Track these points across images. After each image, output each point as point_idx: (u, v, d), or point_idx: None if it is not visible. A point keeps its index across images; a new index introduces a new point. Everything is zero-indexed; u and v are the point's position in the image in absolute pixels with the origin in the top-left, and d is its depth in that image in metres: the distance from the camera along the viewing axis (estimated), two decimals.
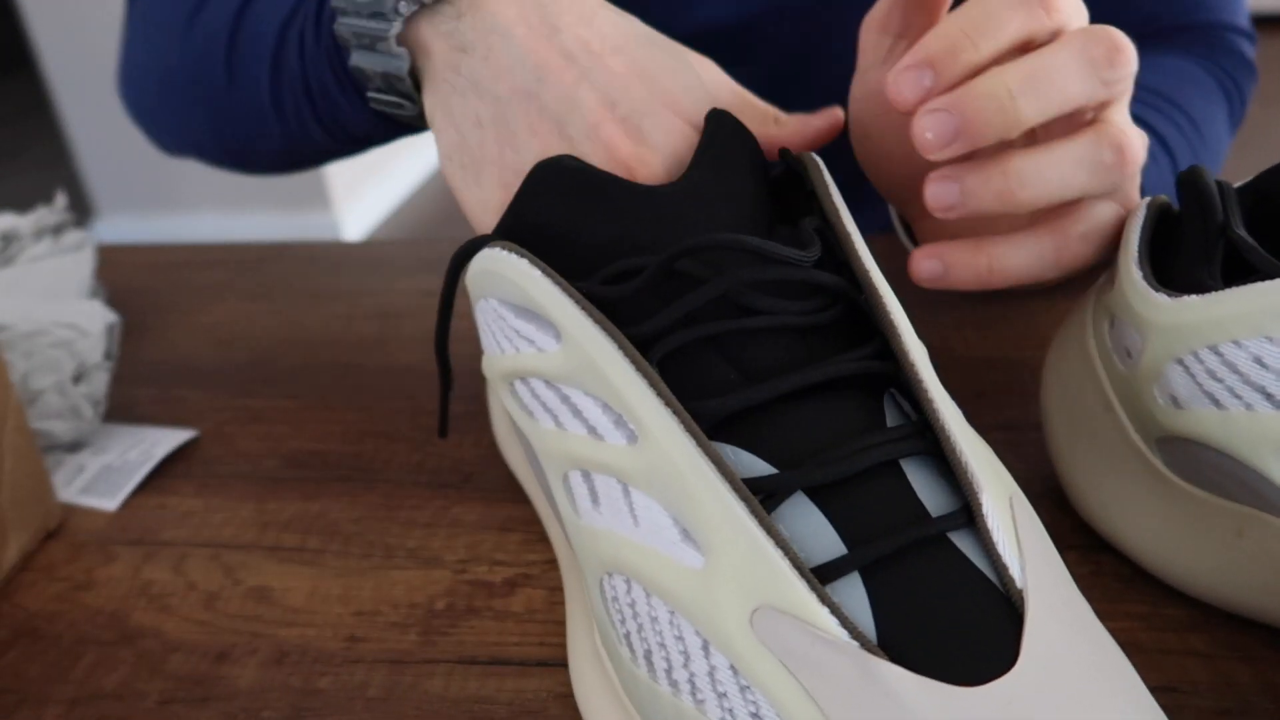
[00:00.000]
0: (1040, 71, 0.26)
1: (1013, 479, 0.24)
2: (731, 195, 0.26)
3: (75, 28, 2.20)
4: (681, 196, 0.26)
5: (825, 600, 0.20)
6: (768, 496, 0.22)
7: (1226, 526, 0.26)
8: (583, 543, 0.24)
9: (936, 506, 0.22)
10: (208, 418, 0.42)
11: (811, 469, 0.22)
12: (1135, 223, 0.30)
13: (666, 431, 0.22)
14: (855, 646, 0.19)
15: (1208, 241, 0.27)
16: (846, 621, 0.20)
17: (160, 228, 2.43)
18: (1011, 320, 0.43)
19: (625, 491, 0.23)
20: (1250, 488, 0.25)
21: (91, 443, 0.40)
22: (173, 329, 0.50)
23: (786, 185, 0.29)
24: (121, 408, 0.43)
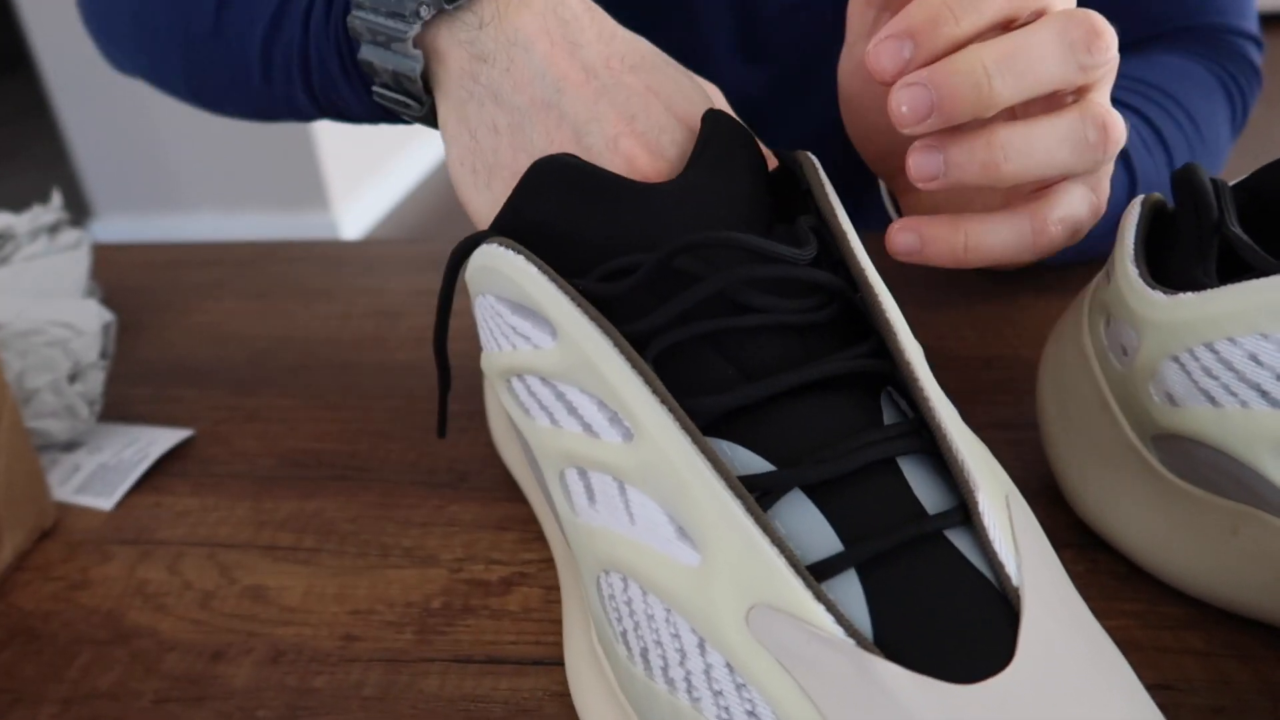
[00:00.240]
0: (1018, 51, 0.26)
1: (1009, 477, 0.24)
2: (729, 193, 0.26)
3: (73, 28, 2.20)
4: (679, 194, 0.26)
5: (821, 598, 0.20)
6: (764, 494, 0.22)
7: (1222, 524, 0.26)
8: (579, 540, 0.24)
9: (933, 504, 0.22)
10: (204, 417, 0.42)
11: (808, 466, 0.22)
12: (1131, 220, 0.30)
13: (662, 429, 0.22)
14: (851, 644, 0.19)
15: (1203, 239, 0.27)
16: (842, 619, 0.20)
17: (158, 227, 2.43)
18: (1007, 319, 0.43)
19: (621, 489, 0.23)
20: (1246, 485, 0.25)
21: (87, 442, 0.40)
22: (168, 328, 0.50)
23: (782, 184, 0.29)
24: (117, 407, 0.43)
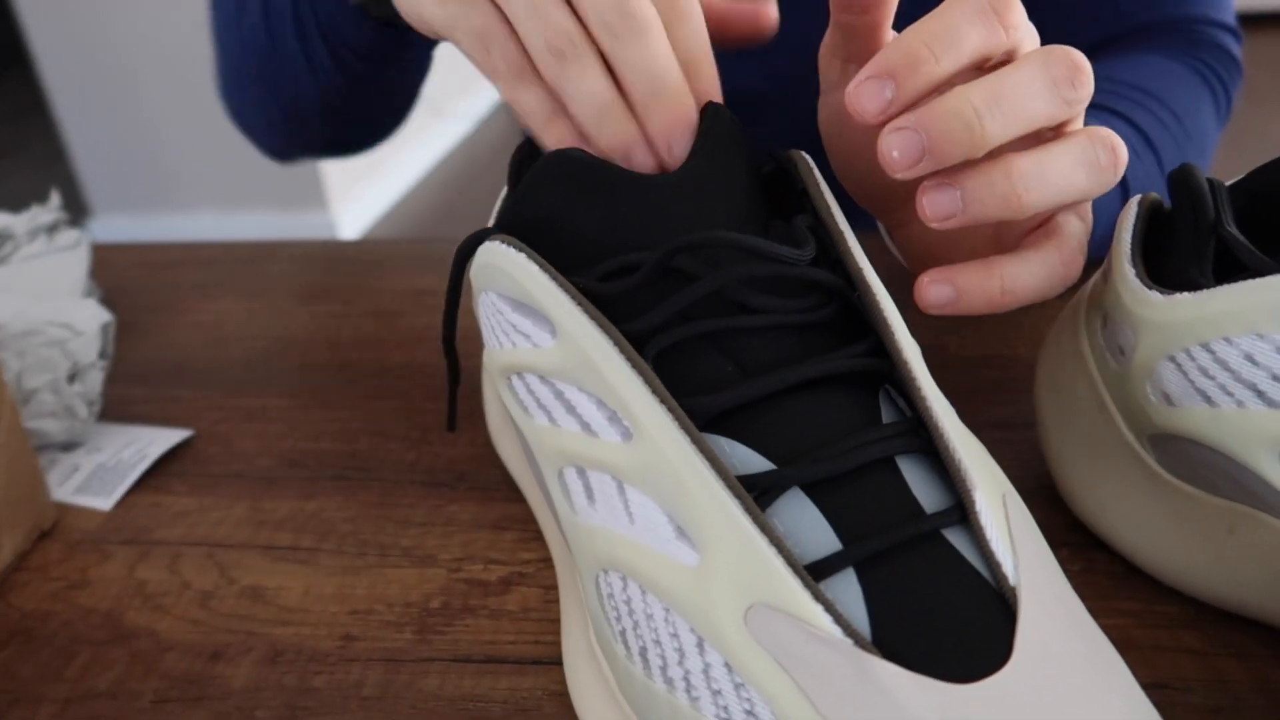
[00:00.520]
0: (1005, 90, 0.25)
1: (1006, 477, 0.24)
2: (728, 189, 0.26)
3: (71, 27, 2.20)
4: (680, 189, 0.26)
5: (819, 597, 0.20)
6: (763, 493, 0.22)
7: (1218, 523, 0.27)
8: (578, 539, 0.24)
9: (931, 503, 0.22)
10: (202, 417, 0.42)
11: (807, 465, 0.22)
12: (1128, 221, 0.30)
13: (661, 428, 0.22)
14: (849, 644, 0.19)
15: (1199, 239, 0.27)
16: (840, 618, 0.20)
17: (156, 227, 2.43)
18: (1005, 319, 0.43)
19: (620, 488, 0.23)
20: (1242, 485, 0.25)
21: (86, 442, 0.40)
22: (167, 328, 0.50)
23: (777, 183, 0.29)
24: (116, 407, 0.43)
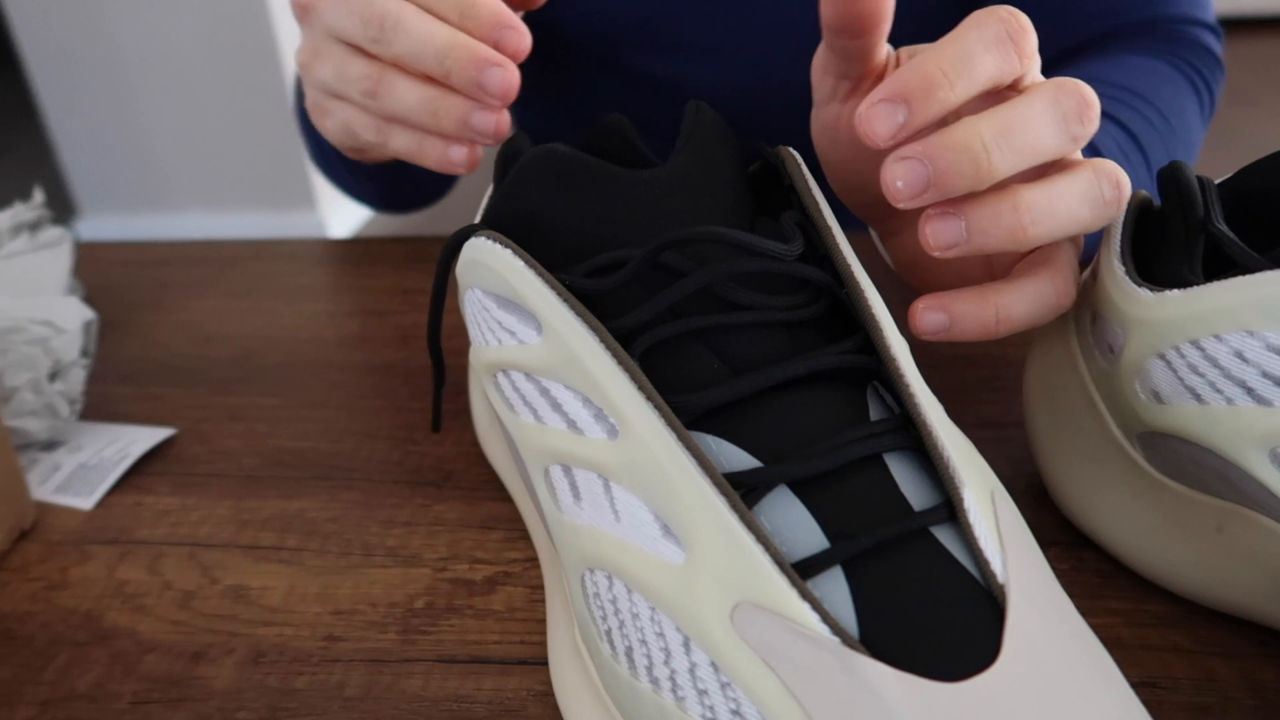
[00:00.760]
0: (1015, 124, 0.25)
1: (995, 474, 0.24)
2: (714, 185, 0.26)
3: (59, 27, 2.19)
4: (667, 184, 0.26)
5: (806, 596, 0.20)
6: (750, 490, 0.22)
7: (1207, 522, 0.26)
8: (564, 538, 0.24)
9: (919, 501, 0.22)
10: (186, 416, 0.41)
11: (794, 462, 0.22)
12: (1118, 218, 0.30)
13: (647, 426, 0.22)
14: (836, 642, 0.19)
15: (1189, 237, 0.27)
16: (828, 617, 0.19)
17: (144, 226, 2.41)
18: None
19: (606, 486, 0.23)
20: (1231, 483, 0.25)
21: (67, 441, 0.39)
22: (151, 326, 0.49)
23: (764, 180, 0.29)
24: (98, 405, 0.42)
